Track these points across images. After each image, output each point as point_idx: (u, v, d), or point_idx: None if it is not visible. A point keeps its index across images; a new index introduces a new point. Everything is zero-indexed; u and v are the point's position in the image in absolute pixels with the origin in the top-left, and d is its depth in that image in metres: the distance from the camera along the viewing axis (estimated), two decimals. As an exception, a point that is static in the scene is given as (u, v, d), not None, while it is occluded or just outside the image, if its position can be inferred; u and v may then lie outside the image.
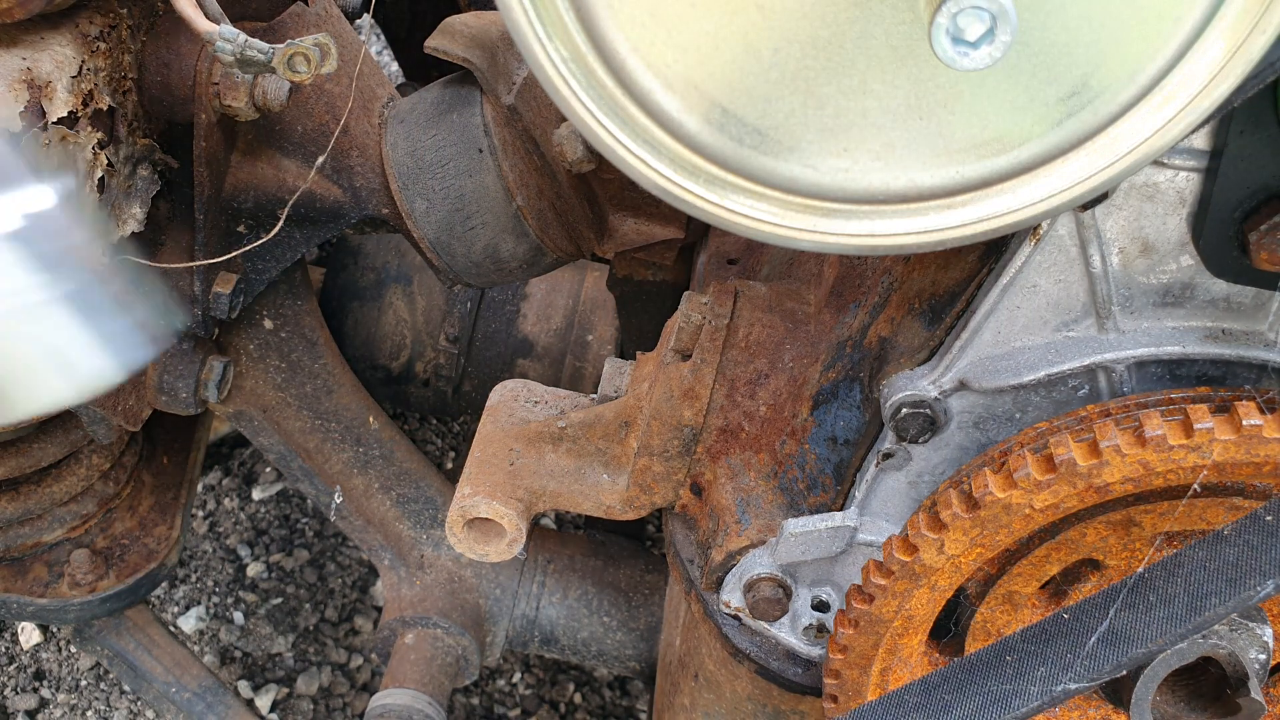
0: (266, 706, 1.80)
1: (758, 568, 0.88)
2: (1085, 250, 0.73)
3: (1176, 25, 0.55)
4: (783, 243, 0.63)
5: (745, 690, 0.99)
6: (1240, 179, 0.68)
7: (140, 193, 1.07)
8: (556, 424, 0.97)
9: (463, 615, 1.41)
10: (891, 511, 0.85)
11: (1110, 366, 0.76)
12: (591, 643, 1.44)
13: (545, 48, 0.57)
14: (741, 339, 0.92)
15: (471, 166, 1.14)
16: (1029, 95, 0.57)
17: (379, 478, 1.43)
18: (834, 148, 0.60)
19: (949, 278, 0.78)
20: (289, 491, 2.03)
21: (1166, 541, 0.78)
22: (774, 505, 0.90)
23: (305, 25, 1.13)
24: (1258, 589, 0.64)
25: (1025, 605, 0.82)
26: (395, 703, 1.33)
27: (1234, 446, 0.69)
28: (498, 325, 1.63)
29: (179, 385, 1.24)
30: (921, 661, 0.84)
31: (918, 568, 0.76)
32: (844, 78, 0.57)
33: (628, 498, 0.94)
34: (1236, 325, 0.75)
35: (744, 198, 0.62)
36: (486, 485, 0.92)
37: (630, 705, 1.85)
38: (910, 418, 0.78)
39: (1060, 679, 0.66)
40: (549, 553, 1.46)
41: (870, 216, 0.62)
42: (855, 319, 0.87)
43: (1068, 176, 0.61)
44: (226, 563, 1.96)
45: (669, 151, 0.61)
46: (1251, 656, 0.74)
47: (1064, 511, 0.74)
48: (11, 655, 1.84)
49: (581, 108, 0.59)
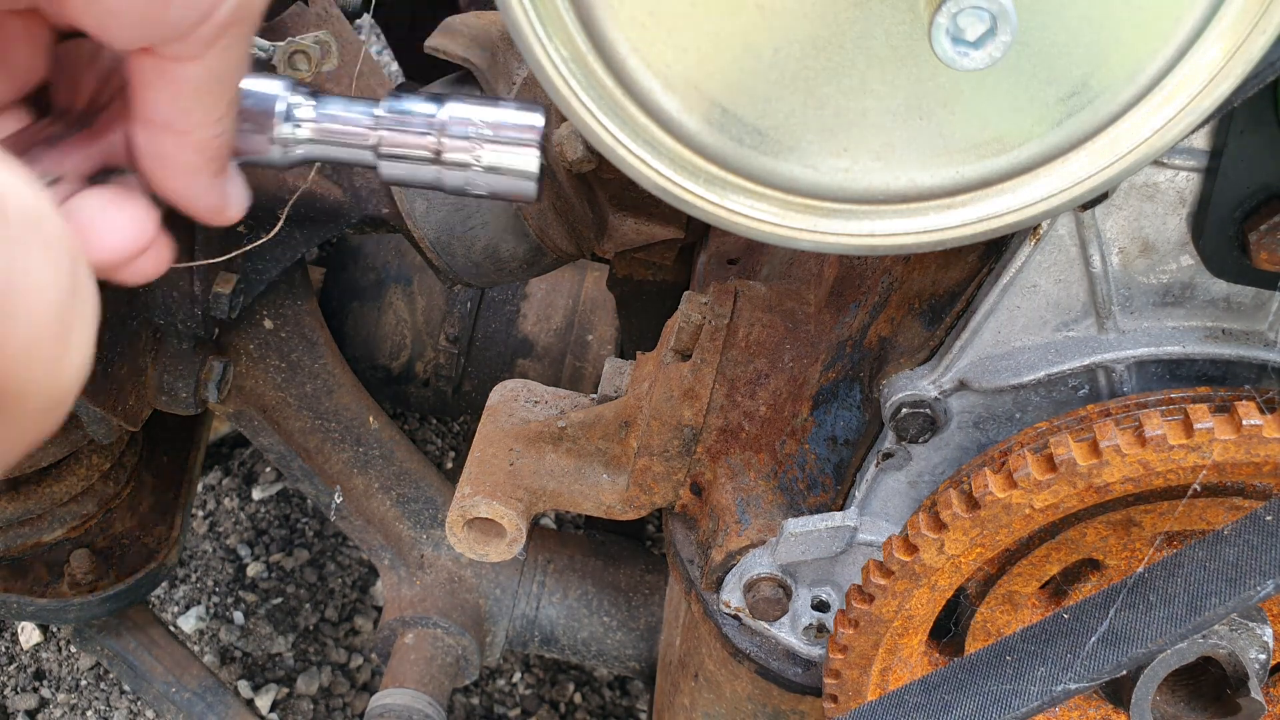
0: (266, 706, 1.80)
1: (758, 568, 0.88)
2: (1085, 250, 0.73)
3: (1176, 25, 0.55)
4: (783, 243, 0.63)
5: (745, 690, 0.99)
6: (1240, 179, 0.68)
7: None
8: (556, 424, 0.97)
9: (463, 615, 1.41)
10: (891, 511, 0.85)
11: (1110, 366, 0.76)
12: (591, 643, 1.44)
13: (545, 48, 0.57)
14: (741, 339, 0.92)
15: (471, 166, 1.14)
16: (1029, 95, 0.57)
17: (379, 478, 1.43)
18: (834, 148, 0.60)
19: (949, 278, 0.78)
20: (289, 491, 2.03)
21: (1166, 541, 0.78)
22: (774, 505, 0.90)
23: (305, 25, 1.13)
24: (1258, 589, 0.64)
25: (1025, 605, 0.82)
26: (395, 703, 1.33)
27: (1234, 446, 0.69)
28: (498, 325, 1.63)
29: (179, 385, 1.24)
30: (921, 661, 0.84)
31: (918, 568, 0.76)
32: (844, 78, 0.57)
33: (628, 498, 0.94)
34: (1236, 325, 0.75)
35: (744, 198, 0.62)
36: (486, 485, 0.92)
37: (630, 705, 1.85)
38: (910, 418, 0.78)
39: (1060, 679, 0.66)
40: (549, 553, 1.46)
41: (870, 216, 0.62)
42: (855, 319, 0.87)
43: (1068, 176, 0.60)
44: (226, 563, 1.96)
45: (669, 151, 0.61)
46: (1251, 656, 0.74)
47: (1064, 511, 0.74)
48: (11, 655, 1.84)
49: (581, 108, 0.59)
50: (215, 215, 0.67)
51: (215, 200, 0.66)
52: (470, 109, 0.69)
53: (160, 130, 0.62)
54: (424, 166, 0.71)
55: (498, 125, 0.69)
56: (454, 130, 0.70)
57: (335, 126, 0.71)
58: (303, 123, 0.70)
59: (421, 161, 0.71)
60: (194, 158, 0.63)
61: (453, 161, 0.71)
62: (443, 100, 0.70)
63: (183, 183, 0.65)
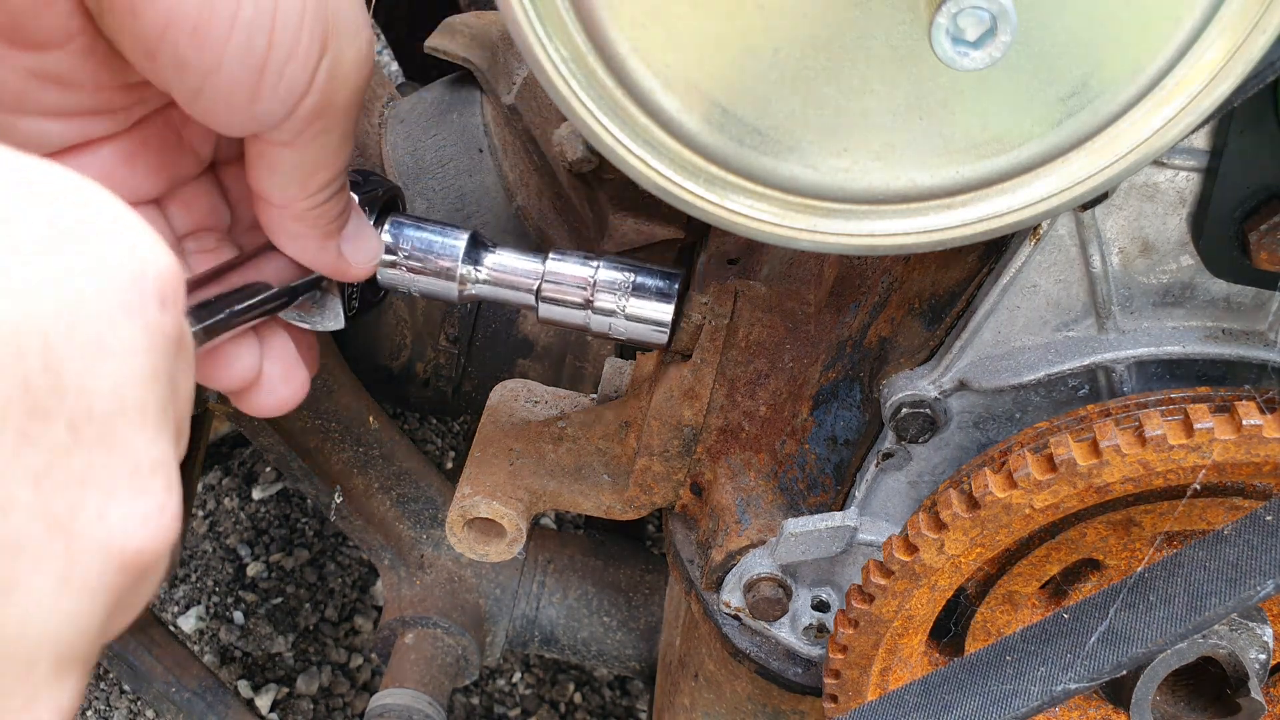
0: (266, 706, 1.80)
1: (758, 568, 0.88)
2: (1085, 250, 0.73)
3: (1176, 25, 0.55)
4: (783, 243, 0.63)
5: (745, 690, 0.99)
6: (1240, 179, 0.68)
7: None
8: (556, 424, 0.97)
9: (463, 615, 1.41)
10: (891, 511, 0.85)
11: (1110, 366, 0.76)
12: (591, 642, 1.44)
13: (545, 48, 0.57)
14: (741, 339, 0.92)
15: (472, 166, 1.14)
16: (1029, 95, 0.57)
17: (379, 478, 1.43)
18: (834, 148, 0.60)
19: (949, 278, 0.78)
20: (289, 491, 2.03)
21: (1166, 541, 0.78)
22: (774, 505, 0.90)
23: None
24: (1258, 589, 0.64)
25: (1025, 605, 0.82)
26: (395, 703, 1.33)
27: (1234, 446, 0.69)
28: (498, 325, 1.63)
29: (179, 385, 1.23)
30: (921, 661, 0.84)
31: (918, 568, 0.76)
32: (844, 78, 0.57)
33: (628, 498, 0.94)
34: (1236, 325, 0.75)
35: (744, 198, 0.62)
36: (486, 485, 0.92)
37: (630, 705, 1.85)
38: (910, 418, 0.78)
39: (1060, 679, 0.66)
40: (549, 553, 1.46)
41: (870, 216, 0.62)
42: (855, 319, 0.87)
43: (1068, 176, 0.61)
44: (226, 562, 1.95)
45: (669, 151, 0.61)
46: (1251, 656, 0.74)
47: (1064, 511, 0.74)
48: (11, 655, 1.84)
49: (581, 108, 0.59)
50: (337, 274, 0.76)
51: (330, 260, 0.74)
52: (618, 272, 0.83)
53: (265, 204, 0.70)
54: (575, 311, 0.84)
55: (641, 285, 0.84)
56: (605, 284, 0.83)
57: (505, 275, 0.83)
58: (481, 267, 0.83)
59: (574, 306, 0.84)
60: (296, 226, 0.71)
61: (601, 309, 0.84)
62: (597, 259, 0.84)
63: (295, 247, 0.73)
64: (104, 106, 0.66)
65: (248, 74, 0.60)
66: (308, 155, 0.67)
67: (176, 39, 0.58)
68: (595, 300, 0.83)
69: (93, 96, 0.65)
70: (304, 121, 0.64)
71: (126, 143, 0.69)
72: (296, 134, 0.65)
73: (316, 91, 0.63)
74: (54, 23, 0.59)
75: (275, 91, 0.61)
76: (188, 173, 0.74)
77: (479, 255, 0.83)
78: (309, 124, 0.64)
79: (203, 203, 0.75)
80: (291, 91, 0.62)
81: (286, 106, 0.63)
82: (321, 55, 0.62)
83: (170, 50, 0.59)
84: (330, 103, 0.64)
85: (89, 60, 0.62)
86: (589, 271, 0.83)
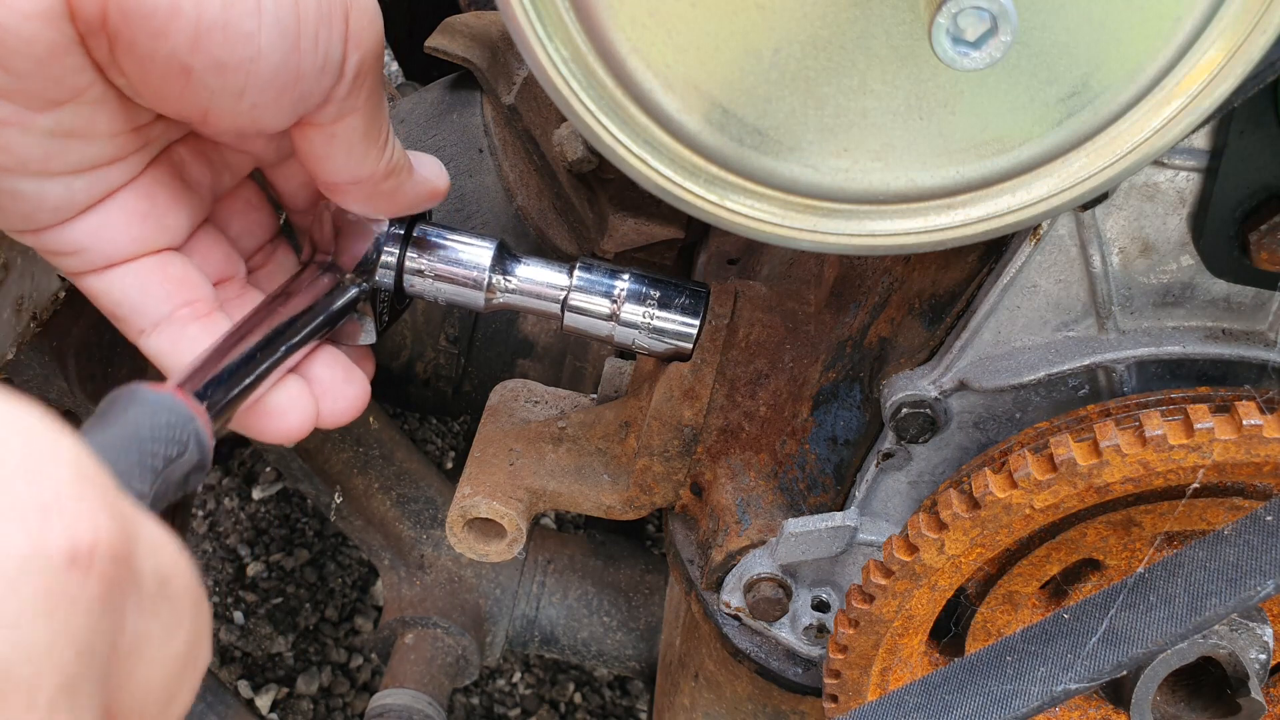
0: (266, 706, 1.80)
1: (758, 568, 0.88)
2: (1085, 250, 0.73)
3: (1176, 25, 0.55)
4: (783, 243, 0.63)
5: (745, 690, 0.99)
6: (1240, 179, 0.68)
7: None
8: (556, 424, 0.97)
9: (463, 615, 1.41)
10: (891, 511, 0.85)
11: (1110, 366, 0.76)
12: (591, 643, 1.44)
13: (545, 48, 0.57)
14: (741, 339, 0.92)
15: (472, 166, 1.14)
16: (1029, 95, 0.57)
17: (379, 478, 1.43)
18: (834, 148, 0.60)
19: (949, 278, 0.78)
20: (289, 491, 2.03)
21: (1166, 541, 0.78)
22: (774, 505, 0.90)
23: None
24: (1258, 589, 0.64)
25: (1025, 605, 0.82)
26: (395, 703, 1.33)
27: (1234, 446, 0.69)
28: (498, 325, 1.63)
29: (179, 385, 1.23)
30: (921, 661, 0.84)
31: (918, 568, 0.76)
32: (844, 78, 0.57)
33: (628, 498, 0.94)
34: (1236, 325, 0.75)
35: (744, 198, 0.62)
36: (486, 485, 0.92)
37: (630, 705, 1.85)
38: (910, 418, 0.78)
39: (1060, 679, 0.66)
40: (549, 553, 1.46)
41: (870, 216, 0.62)
42: (855, 319, 0.87)
43: (1068, 176, 0.61)
44: (226, 562, 1.95)
45: (669, 151, 0.61)
46: (1251, 656, 0.74)
47: (1064, 511, 0.74)
48: (11, 655, 1.84)
49: (581, 108, 0.59)
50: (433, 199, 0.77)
51: (424, 194, 0.76)
52: (645, 285, 0.84)
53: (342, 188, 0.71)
54: (601, 322, 0.84)
55: (667, 299, 0.84)
56: (631, 296, 0.83)
57: (533, 286, 0.83)
58: (509, 277, 0.83)
59: (600, 318, 0.84)
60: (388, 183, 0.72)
61: (627, 321, 0.84)
62: (624, 271, 0.84)
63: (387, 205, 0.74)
64: (119, 153, 0.67)
65: (286, 52, 0.60)
66: (360, 121, 0.67)
67: (210, 42, 0.58)
68: (621, 313, 0.83)
69: (110, 144, 0.65)
70: (353, 82, 0.64)
71: (141, 187, 0.69)
72: (346, 100, 0.65)
73: (355, 49, 0.63)
74: (67, 77, 0.60)
75: (315, 60, 0.61)
76: (198, 214, 0.74)
77: (506, 265, 0.83)
78: (360, 83, 0.64)
79: (217, 254, 0.76)
80: (330, 57, 0.62)
81: (331, 75, 0.63)
82: (346, 14, 0.62)
83: (206, 56, 0.59)
84: (366, 57, 0.64)
85: (103, 108, 0.63)
86: (617, 284, 0.83)
